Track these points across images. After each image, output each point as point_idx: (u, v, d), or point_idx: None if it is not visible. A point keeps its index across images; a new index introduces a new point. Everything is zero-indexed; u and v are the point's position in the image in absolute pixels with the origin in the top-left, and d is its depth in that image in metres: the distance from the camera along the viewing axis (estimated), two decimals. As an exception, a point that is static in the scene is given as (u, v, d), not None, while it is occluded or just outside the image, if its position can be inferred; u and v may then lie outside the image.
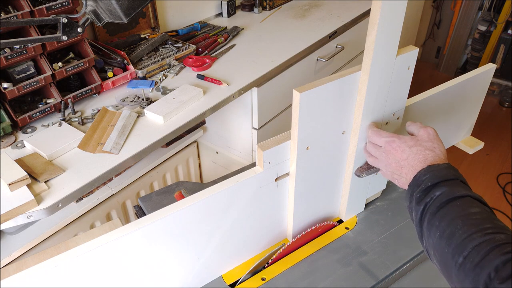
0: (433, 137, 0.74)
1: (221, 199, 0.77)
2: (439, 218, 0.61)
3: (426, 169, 0.68)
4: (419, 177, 0.68)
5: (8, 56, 1.13)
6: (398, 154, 0.74)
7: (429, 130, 0.75)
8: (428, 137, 0.74)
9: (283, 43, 1.70)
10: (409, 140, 0.74)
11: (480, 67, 1.07)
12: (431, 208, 0.63)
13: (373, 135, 0.80)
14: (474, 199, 0.62)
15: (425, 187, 0.65)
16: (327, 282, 0.87)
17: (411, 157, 0.71)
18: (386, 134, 0.78)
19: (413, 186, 0.68)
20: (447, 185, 0.64)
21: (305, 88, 0.72)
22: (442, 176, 0.65)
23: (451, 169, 0.68)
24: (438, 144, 0.73)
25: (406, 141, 0.74)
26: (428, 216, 0.63)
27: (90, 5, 0.99)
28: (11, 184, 0.96)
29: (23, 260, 0.89)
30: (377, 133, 0.80)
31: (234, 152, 1.78)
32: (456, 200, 0.62)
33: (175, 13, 1.82)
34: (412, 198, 0.68)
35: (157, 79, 1.46)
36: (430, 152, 0.71)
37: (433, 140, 0.74)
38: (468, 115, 1.16)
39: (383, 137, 0.78)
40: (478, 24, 3.30)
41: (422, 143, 0.73)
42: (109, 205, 1.49)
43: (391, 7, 0.71)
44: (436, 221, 0.61)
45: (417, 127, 0.78)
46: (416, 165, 0.70)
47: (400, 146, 0.74)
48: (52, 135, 1.16)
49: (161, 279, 0.79)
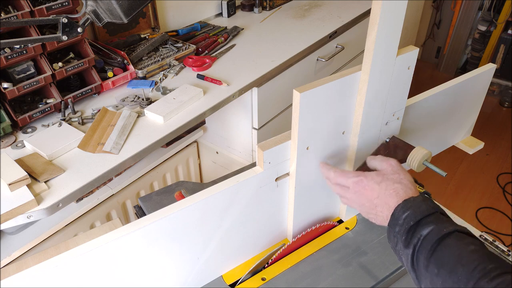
0: (397, 169, 0.73)
1: (221, 199, 0.77)
2: (435, 264, 0.59)
3: (402, 205, 0.66)
4: (398, 215, 0.66)
5: (8, 56, 1.13)
6: (369, 193, 0.72)
7: (391, 162, 0.74)
8: (392, 169, 0.73)
9: (283, 43, 1.70)
10: (376, 176, 0.72)
11: (480, 67, 1.07)
12: (421, 251, 0.61)
13: (338, 176, 0.78)
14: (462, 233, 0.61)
15: (408, 227, 0.63)
16: (327, 282, 0.87)
17: (382, 194, 0.70)
18: (352, 174, 0.76)
19: (394, 225, 0.66)
20: (431, 222, 0.62)
21: (305, 88, 0.72)
22: (422, 212, 0.64)
23: (428, 201, 0.66)
24: (404, 174, 0.72)
25: (373, 178, 0.72)
26: (422, 261, 0.61)
27: (90, 5, 0.99)
28: (11, 184, 0.96)
29: (23, 260, 0.90)
30: (342, 174, 0.77)
31: (234, 152, 1.78)
32: (446, 238, 0.60)
33: (175, 13, 1.82)
34: (396, 240, 0.66)
35: (157, 79, 1.46)
36: (399, 185, 0.69)
37: (398, 171, 0.72)
38: (468, 115, 1.16)
39: (350, 178, 0.75)
40: (478, 24, 3.30)
41: (389, 177, 0.71)
42: (109, 205, 1.49)
43: (391, 7, 0.71)
44: (435, 269, 0.59)
45: (379, 161, 0.76)
46: (389, 201, 0.68)
47: (369, 184, 0.72)
48: (52, 135, 1.16)
49: (161, 279, 0.79)
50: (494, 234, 2.27)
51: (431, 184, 2.54)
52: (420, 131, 1.04)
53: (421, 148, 0.84)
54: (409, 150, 0.86)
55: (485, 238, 0.96)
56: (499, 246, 0.94)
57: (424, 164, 0.85)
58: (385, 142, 0.92)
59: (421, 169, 0.86)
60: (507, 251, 0.93)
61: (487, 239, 0.96)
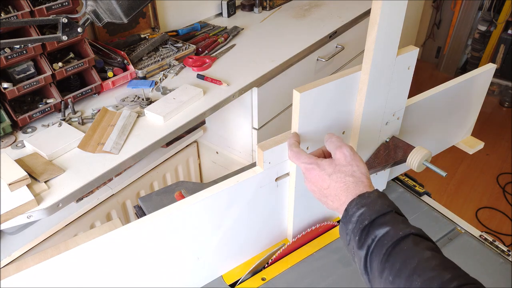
0: (350, 159, 0.68)
1: (221, 199, 0.77)
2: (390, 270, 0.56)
3: (357, 200, 0.63)
4: (352, 211, 0.63)
5: (8, 56, 1.13)
6: (319, 183, 0.69)
7: (345, 150, 0.69)
8: (346, 159, 0.68)
9: (283, 43, 1.70)
10: (328, 167, 0.68)
11: (480, 67, 1.07)
12: (376, 253, 0.59)
13: (292, 157, 0.74)
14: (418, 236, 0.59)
15: (362, 226, 0.61)
16: (327, 282, 0.87)
17: (332, 186, 0.67)
18: (305, 159, 0.71)
19: (347, 223, 0.63)
20: (386, 223, 0.60)
21: (305, 88, 0.72)
22: (378, 210, 0.61)
23: (383, 199, 0.64)
24: (358, 165, 0.68)
25: (325, 169, 0.68)
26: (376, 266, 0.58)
27: (90, 5, 0.99)
28: (11, 184, 0.96)
29: (23, 260, 0.89)
30: (296, 156, 0.72)
31: (234, 152, 1.78)
32: (401, 242, 0.58)
33: (175, 13, 1.82)
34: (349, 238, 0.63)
35: (157, 79, 1.46)
36: (351, 178, 0.66)
37: (351, 162, 0.68)
38: (468, 115, 1.16)
39: (302, 162, 0.71)
40: (478, 24, 3.30)
41: (341, 169, 0.67)
42: (109, 205, 1.49)
43: (391, 7, 0.71)
44: (389, 276, 0.56)
45: (334, 146, 0.71)
46: (340, 194, 0.66)
47: (320, 174, 0.69)
48: (52, 135, 1.16)
49: (161, 279, 0.79)
50: (494, 234, 2.27)
51: (431, 184, 2.54)
52: (420, 131, 1.04)
53: (421, 148, 0.84)
54: (409, 150, 0.86)
55: (485, 238, 0.96)
56: (499, 246, 0.94)
57: (424, 164, 0.85)
58: (385, 142, 0.92)
59: (421, 169, 0.86)
60: (507, 251, 0.93)
61: (487, 239, 0.96)
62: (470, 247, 0.94)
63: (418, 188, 1.09)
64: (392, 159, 0.90)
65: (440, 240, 0.96)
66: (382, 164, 0.90)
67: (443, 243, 0.95)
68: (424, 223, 1.00)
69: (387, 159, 0.90)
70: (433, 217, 1.02)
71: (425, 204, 1.05)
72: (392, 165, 0.90)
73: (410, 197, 1.07)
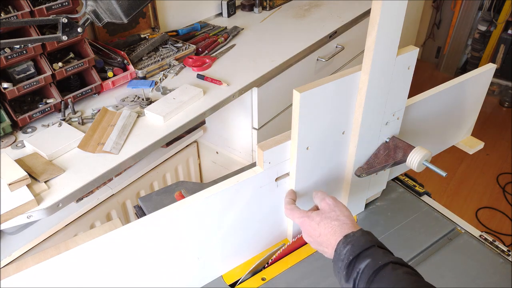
0: (333, 206, 0.76)
1: (221, 199, 0.77)
2: None
3: (343, 240, 0.69)
4: (340, 250, 0.69)
5: (8, 56, 1.13)
6: (312, 232, 0.75)
7: (328, 200, 0.77)
8: (329, 207, 0.76)
9: (283, 43, 1.70)
10: (316, 216, 0.75)
11: (480, 67, 1.07)
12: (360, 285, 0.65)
13: (287, 213, 0.82)
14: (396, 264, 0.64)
15: (348, 262, 0.67)
16: (327, 282, 0.87)
17: (323, 233, 0.73)
18: (298, 214, 0.79)
19: (337, 261, 0.69)
20: (368, 256, 0.66)
21: (305, 88, 0.72)
22: (361, 246, 0.67)
23: (367, 235, 0.70)
24: (341, 211, 0.75)
25: (314, 218, 0.75)
26: None
27: (90, 5, 0.99)
28: (11, 184, 0.96)
29: (23, 260, 0.89)
30: (291, 212, 0.80)
31: (234, 152, 1.78)
32: (381, 271, 0.63)
33: (175, 13, 1.82)
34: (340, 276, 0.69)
35: (157, 79, 1.46)
36: (336, 222, 0.73)
37: (334, 209, 0.75)
38: (468, 115, 1.16)
39: (296, 218, 0.79)
40: (478, 24, 3.30)
41: (327, 215, 0.74)
42: (109, 205, 1.49)
43: (391, 7, 0.71)
44: None
45: (319, 199, 0.79)
46: (330, 238, 0.72)
47: (311, 224, 0.75)
48: (52, 135, 1.16)
49: (161, 279, 0.79)
50: (494, 234, 2.27)
51: (431, 184, 2.54)
52: (420, 131, 1.04)
53: (421, 148, 0.84)
54: (409, 150, 0.86)
55: (485, 238, 0.96)
56: (499, 246, 0.94)
57: (424, 164, 0.85)
58: (385, 142, 0.92)
59: (421, 169, 0.86)
60: (507, 251, 0.93)
61: (487, 239, 0.96)
62: (470, 247, 0.94)
63: (418, 188, 1.09)
64: (392, 159, 0.90)
65: (440, 240, 0.96)
66: (382, 164, 0.90)
67: (443, 243, 0.96)
68: (424, 223, 1.00)
69: (387, 159, 0.90)
70: (433, 217, 1.02)
71: (425, 204, 1.05)
72: (392, 165, 0.91)
73: (410, 197, 1.07)
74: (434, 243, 0.95)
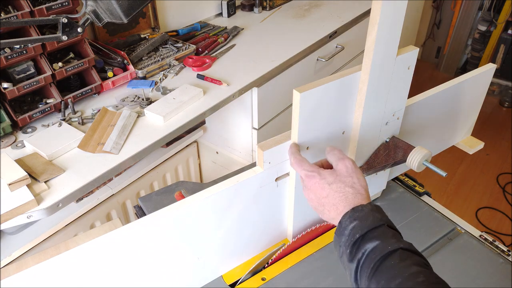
0: (351, 171, 0.70)
1: (221, 199, 0.77)
2: (377, 284, 0.58)
3: (350, 213, 0.65)
4: (345, 224, 0.64)
5: (8, 56, 1.13)
6: (318, 191, 0.70)
7: (347, 163, 0.71)
8: (347, 171, 0.70)
9: (283, 43, 1.70)
10: (329, 176, 0.70)
11: (480, 67, 1.07)
12: (364, 268, 0.60)
13: (295, 164, 0.75)
14: (406, 251, 0.60)
15: (354, 239, 0.62)
16: (327, 282, 0.87)
17: (331, 195, 0.68)
18: (307, 167, 0.73)
19: (340, 235, 0.65)
20: (377, 237, 0.61)
21: (305, 88, 0.72)
22: (369, 224, 0.63)
23: (376, 212, 0.65)
24: (358, 178, 0.70)
25: (326, 177, 0.70)
26: (364, 281, 0.60)
27: (90, 5, 0.99)
28: (11, 184, 0.96)
29: (23, 260, 0.89)
30: (299, 163, 0.74)
31: (234, 152, 1.78)
32: (388, 257, 0.59)
33: (175, 13, 1.82)
34: (342, 251, 0.65)
35: (157, 79, 1.46)
36: (350, 189, 0.68)
37: (352, 174, 0.70)
38: (468, 115, 1.16)
39: (304, 170, 0.73)
40: (478, 24, 3.30)
41: (342, 179, 0.69)
42: (109, 205, 1.49)
43: (391, 7, 0.71)
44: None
45: (336, 158, 0.73)
46: (337, 203, 0.68)
47: (320, 182, 0.70)
48: (52, 135, 1.16)
49: (161, 279, 0.79)
50: (494, 234, 2.27)
51: (431, 184, 2.54)
52: (420, 131, 1.04)
53: (421, 148, 0.84)
54: (409, 150, 0.86)
55: (485, 238, 0.96)
56: (499, 246, 0.94)
57: (424, 164, 0.85)
58: (385, 142, 0.92)
59: (421, 169, 0.86)
60: (507, 251, 0.93)
61: (487, 239, 0.96)
62: (470, 247, 0.94)
63: (418, 188, 1.09)
64: (392, 159, 0.90)
65: (440, 240, 0.96)
66: (382, 164, 0.90)
67: (443, 243, 0.95)
68: (424, 223, 1.00)
69: (387, 159, 0.90)
70: (433, 217, 1.02)
71: (425, 204, 1.05)
72: (392, 165, 0.90)
73: (410, 197, 1.07)
74: (434, 243, 0.95)
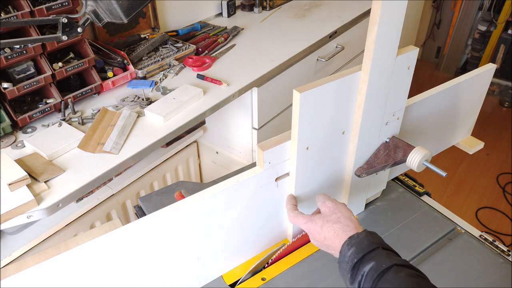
0: (334, 208, 0.76)
1: (221, 199, 0.77)
2: None
3: (348, 242, 0.70)
4: (344, 252, 0.69)
5: (8, 56, 1.13)
6: (317, 236, 0.76)
7: (328, 203, 0.77)
8: (330, 210, 0.76)
9: (283, 43, 1.70)
10: (318, 220, 0.76)
11: (480, 67, 1.07)
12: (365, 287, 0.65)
13: (292, 218, 0.82)
14: (400, 266, 0.64)
15: (352, 264, 0.67)
16: (327, 282, 0.87)
17: (327, 236, 0.74)
18: (302, 220, 0.79)
19: (341, 262, 0.70)
20: (372, 258, 0.66)
21: (305, 88, 0.72)
22: (365, 248, 0.68)
23: (370, 237, 0.70)
24: (341, 212, 0.75)
25: (317, 223, 0.76)
26: None
27: (90, 5, 0.99)
28: (11, 184, 0.96)
29: (23, 260, 0.89)
30: (295, 219, 0.81)
31: (234, 152, 1.78)
32: (385, 273, 0.64)
33: (175, 13, 1.82)
34: (345, 277, 0.69)
35: (157, 79, 1.46)
36: (337, 225, 0.73)
37: (334, 211, 0.76)
38: (468, 115, 1.16)
39: (300, 223, 0.79)
40: (478, 24, 3.30)
41: (328, 219, 0.75)
42: (109, 205, 1.49)
43: (391, 7, 0.71)
44: None
45: (320, 203, 0.79)
46: (334, 241, 0.72)
47: (315, 229, 0.76)
48: (52, 135, 1.16)
49: (161, 279, 0.79)
50: (494, 234, 2.27)
51: (431, 184, 2.54)
52: (420, 131, 1.04)
53: (421, 148, 0.84)
54: (409, 150, 0.86)
55: (485, 238, 0.96)
56: (499, 246, 0.94)
57: (424, 164, 0.85)
58: (385, 142, 0.92)
59: (421, 169, 0.86)
60: (507, 251, 0.93)
61: (487, 239, 0.96)
62: (470, 247, 0.94)
63: (418, 188, 1.09)
64: (392, 159, 0.90)
65: (440, 240, 0.96)
66: (382, 164, 0.90)
67: (443, 243, 0.96)
68: (424, 223, 1.00)
69: (387, 159, 0.90)
70: (433, 217, 1.02)
71: (425, 204, 1.05)
72: (392, 165, 0.91)
73: (410, 197, 1.07)
74: (434, 243, 0.96)
